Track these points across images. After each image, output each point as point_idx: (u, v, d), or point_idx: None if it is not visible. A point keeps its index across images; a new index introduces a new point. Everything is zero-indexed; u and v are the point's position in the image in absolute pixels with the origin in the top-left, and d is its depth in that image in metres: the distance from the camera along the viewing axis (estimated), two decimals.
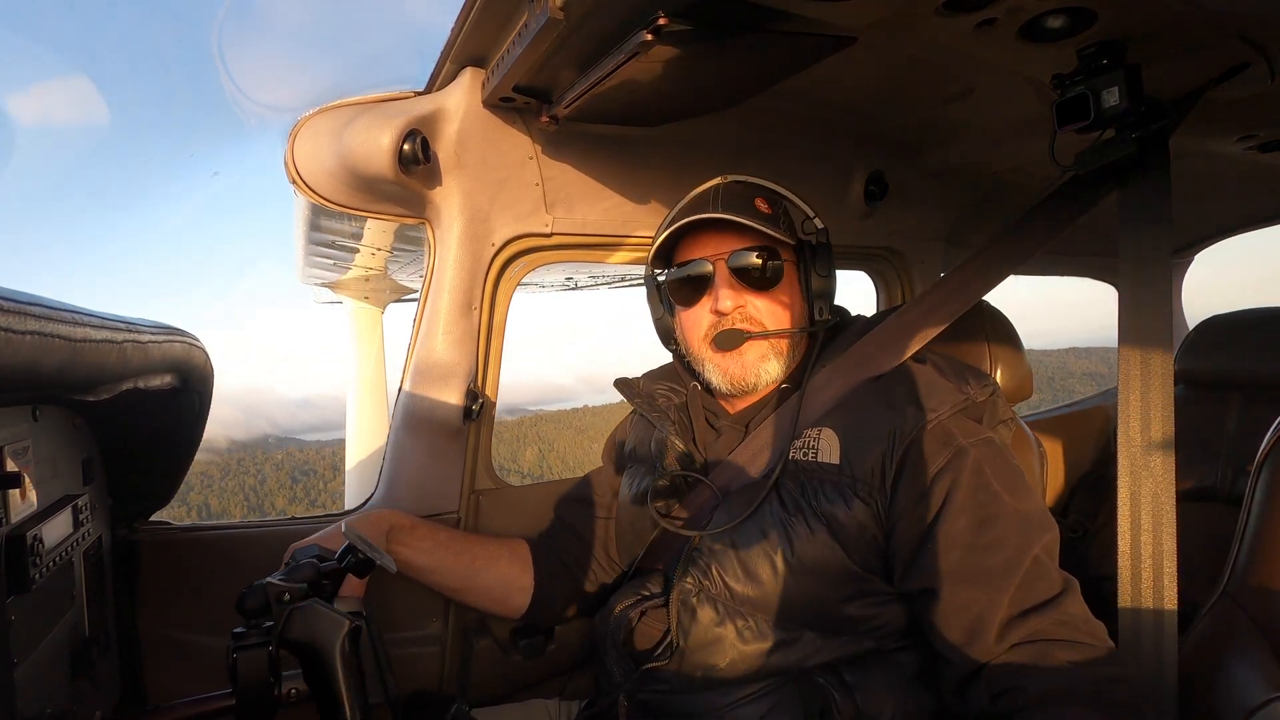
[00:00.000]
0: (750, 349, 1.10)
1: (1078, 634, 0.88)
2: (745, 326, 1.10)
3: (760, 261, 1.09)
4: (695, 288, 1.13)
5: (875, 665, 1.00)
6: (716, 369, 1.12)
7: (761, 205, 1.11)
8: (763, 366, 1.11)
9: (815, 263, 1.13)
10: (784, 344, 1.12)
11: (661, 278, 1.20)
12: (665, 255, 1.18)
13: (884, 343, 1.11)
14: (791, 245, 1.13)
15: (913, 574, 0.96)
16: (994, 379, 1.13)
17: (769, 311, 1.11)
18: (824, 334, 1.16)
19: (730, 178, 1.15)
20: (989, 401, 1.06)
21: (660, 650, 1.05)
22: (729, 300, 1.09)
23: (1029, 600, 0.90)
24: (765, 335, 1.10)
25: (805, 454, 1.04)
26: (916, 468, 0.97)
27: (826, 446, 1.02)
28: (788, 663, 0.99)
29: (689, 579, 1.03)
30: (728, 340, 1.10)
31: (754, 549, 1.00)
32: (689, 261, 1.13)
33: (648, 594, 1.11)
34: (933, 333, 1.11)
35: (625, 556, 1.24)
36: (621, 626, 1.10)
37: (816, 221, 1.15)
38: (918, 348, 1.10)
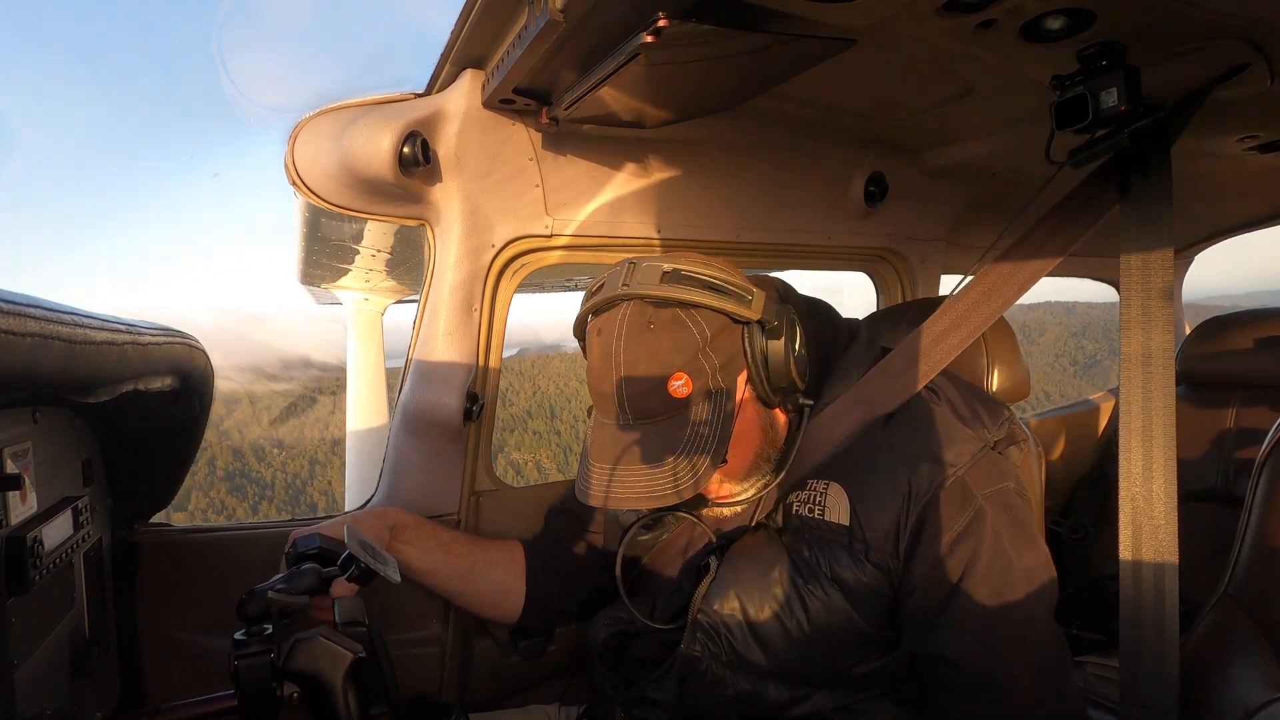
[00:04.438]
0: (714, 493, 1.01)
1: (1076, 703, 0.93)
2: (714, 496, 1.01)
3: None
4: None
5: (883, 697, 0.99)
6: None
7: (679, 388, 0.90)
8: (732, 491, 1.01)
9: (766, 369, 0.94)
10: (751, 463, 1.00)
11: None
12: None
13: (896, 374, 1.04)
14: (732, 390, 0.94)
15: (926, 641, 0.94)
16: (1007, 410, 1.06)
17: (739, 468, 0.99)
18: (824, 353, 1.07)
19: (634, 291, 0.92)
20: (1005, 435, 1.02)
21: (656, 678, 1.03)
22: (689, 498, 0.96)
23: (1039, 665, 0.92)
24: (730, 504, 1.01)
25: (811, 509, 0.97)
26: (934, 531, 0.92)
27: (834, 504, 0.96)
28: (798, 714, 0.98)
29: (696, 646, 0.99)
30: (691, 508, 1.03)
31: (766, 613, 0.96)
32: None
33: (627, 619, 1.09)
34: (946, 361, 1.06)
35: (612, 572, 1.23)
36: (608, 650, 1.10)
37: (752, 305, 0.93)
38: (931, 377, 1.04)
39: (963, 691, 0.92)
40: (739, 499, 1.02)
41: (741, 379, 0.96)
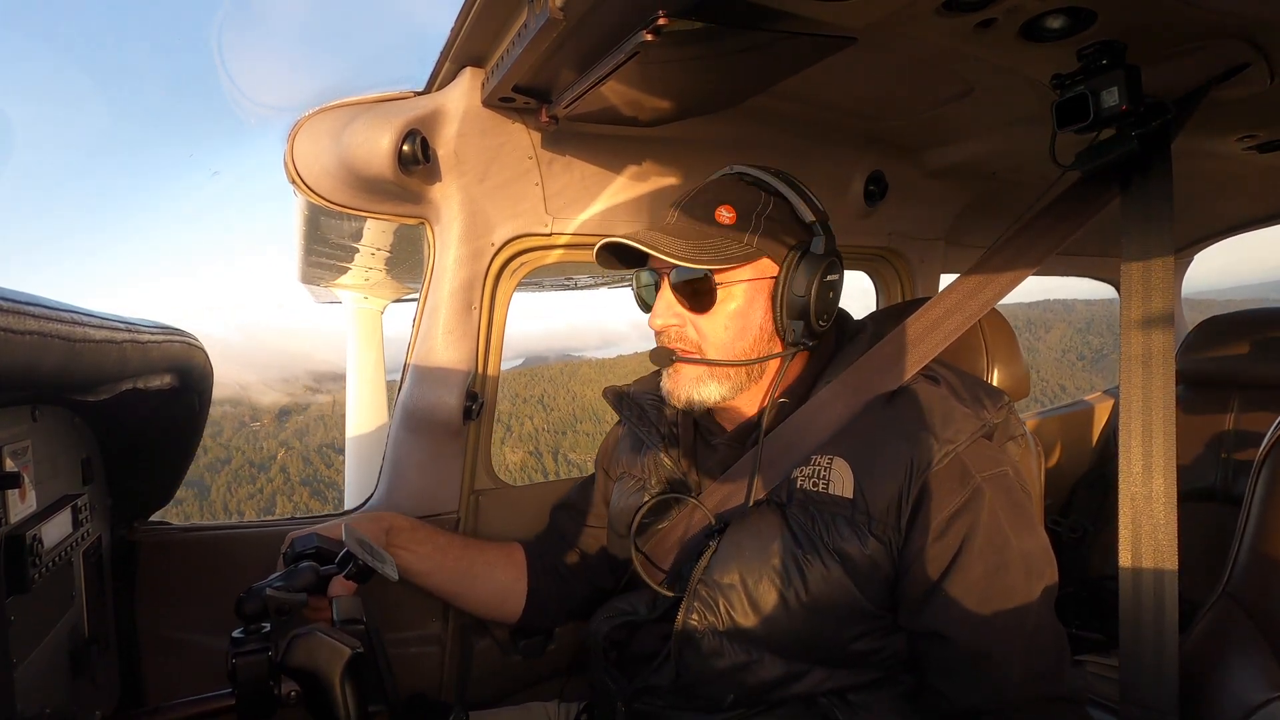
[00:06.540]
0: (684, 368, 1.04)
1: (1073, 687, 0.92)
2: (679, 347, 1.04)
3: (695, 282, 1.00)
4: (648, 297, 1.08)
5: (879, 687, 0.99)
6: (663, 381, 1.09)
7: (724, 215, 1.01)
8: (698, 388, 1.03)
9: (794, 278, 1.02)
10: (728, 368, 1.04)
11: (630, 281, 1.14)
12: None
13: (892, 356, 1.05)
14: (752, 260, 1.02)
15: (922, 615, 0.94)
16: (1006, 397, 1.06)
17: (709, 333, 1.03)
18: (828, 344, 1.11)
19: (736, 168, 1.10)
20: (1003, 423, 1.03)
21: (655, 666, 1.03)
22: (659, 319, 1.04)
23: (1033, 649, 0.91)
24: (690, 361, 1.03)
25: (815, 483, 0.98)
26: (932, 505, 0.93)
27: (838, 478, 0.97)
28: (793, 692, 0.98)
29: (694, 615, 0.99)
30: (657, 358, 1.06)
31: (764, 584, 0.96)
32: (646, 270, 1.08)
33: (630, 610, 1.09)
34: (942, 346, 1.07)
35: (616, 566, 1.22)
36: (612, 644, 1.10)
37: (814, 225, 1.05)
38: (927, 361, 1.05)
39: (956, 668, 0.92)
40: (696, 399, 1.04)
41: (766, 265, 1.03)
